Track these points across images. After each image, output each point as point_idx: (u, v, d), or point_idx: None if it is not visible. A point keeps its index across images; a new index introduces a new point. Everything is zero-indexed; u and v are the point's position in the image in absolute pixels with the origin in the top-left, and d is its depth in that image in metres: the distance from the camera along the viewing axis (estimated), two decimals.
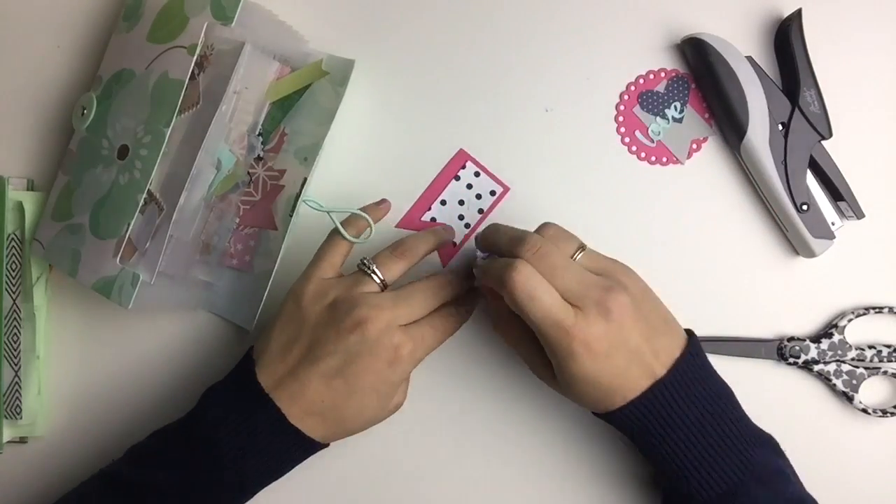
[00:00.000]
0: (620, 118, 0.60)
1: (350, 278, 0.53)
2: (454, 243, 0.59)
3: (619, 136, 0.60)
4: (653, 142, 0.60)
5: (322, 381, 0.50)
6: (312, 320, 0.51)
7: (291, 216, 0.56)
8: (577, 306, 0.48)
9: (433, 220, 0.60)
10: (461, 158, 0.60)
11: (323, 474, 0.58)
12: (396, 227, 0.60)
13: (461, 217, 0.60)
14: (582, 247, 0.51)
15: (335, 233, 0.54)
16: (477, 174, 0.60)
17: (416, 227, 0.59)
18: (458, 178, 0.60)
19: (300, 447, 0.52)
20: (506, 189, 0.60)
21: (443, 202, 0.60)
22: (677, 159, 0.60)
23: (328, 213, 0.55)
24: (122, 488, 0.51)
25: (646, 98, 0.59)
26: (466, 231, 0.60)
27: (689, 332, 0.52)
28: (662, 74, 0.60)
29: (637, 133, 0.60)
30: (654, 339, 0.49)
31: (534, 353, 0.52)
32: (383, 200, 0.57)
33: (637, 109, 0.60)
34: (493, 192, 0.60)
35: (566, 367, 0.48)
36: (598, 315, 0.47)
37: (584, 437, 0.58)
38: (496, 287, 0.49)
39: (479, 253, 0.55)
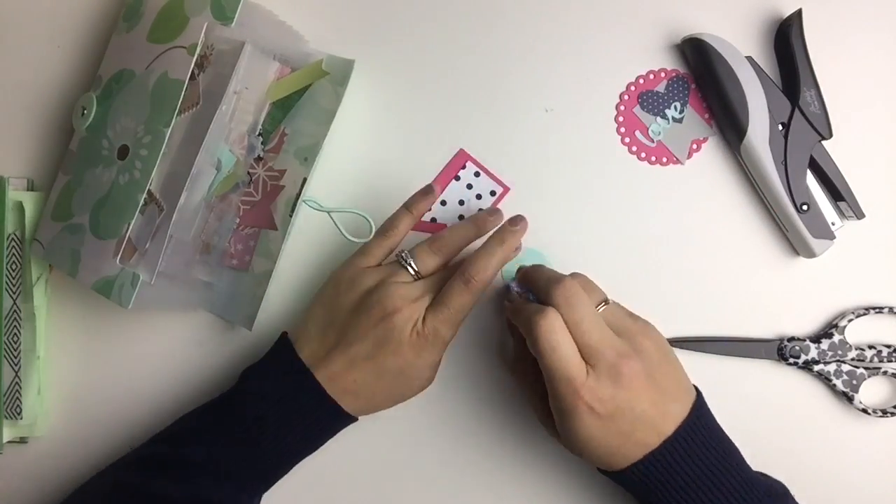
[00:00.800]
0: (620, 118, 0.60)
1: (386, 268, 0.55)
2: None
3: (619, 136, 0.60)
4: (653, 142, 0.60)
5: (354, 365, 0.52)
6: (347, 306, 0.54)
7: (291, 216, 0.56)
8: (590, 364, 0.48)
9: (433, 220, 0.60)
10: (461, 158, 0.60)
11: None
12: None
13: (461, 217, 0.60)
14: (605, 300, 0.52)
15: (380, 231, 0.56)
16: (477, 174, 0.60)
17: (416, 227, 0.59)
18: (458, 178, 0.60)
19: (337, 420, 0.54)
20: (506, 189, 0.59)
21: (443, 202, 0.60)
22: (677, 159, 0.60)
23: (328, 213, 0.55)
24: (159, 466, 0.53)
25: (646, 98, 0.59)
26: None
27: (696, 391, 0.52)
28: (662, 74, 0.60)
29: (637, 133, 0.60)
30: (664, 404, 0.50)
31: (544, 403, 0.52)
32: (429, 189, 0.58)
33: (637, 109, 0.60)
34: (493, 192, 0.60)
35: (568, 423, 0.49)
36: (608, 378, 0.48)
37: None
38: (522, 330, 0.51)
39: (514, 286, 0.55)
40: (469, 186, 0.60)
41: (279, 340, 0.56)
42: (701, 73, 0.58)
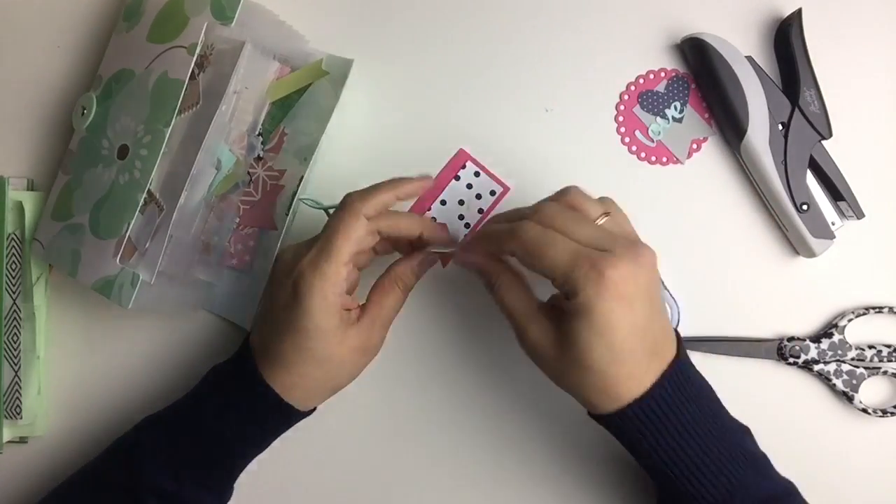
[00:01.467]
0: (620, 118, 0.60)
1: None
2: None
3: (619, 136, 0.60)
4: (653, 142, 0.60)
5: (259, 328, 0.52)
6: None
7: (287, 214, 0.56)
8: (604, 250, 0.45)
9: (434, 219, 0.60)
10: (461, 158, 0.60)
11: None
12: None
13: (461, 217, 0.60)
14: (607, 213, 0.48)
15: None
16: (477, 174, 0.60)
17: None
18: (458, 178, 0.60)
19: (276, 409, 0.51)
20: (506, 189, 0.59)
21: (443, 202, 0.60)
22: (677, 159, 0.60)
23: (325, 210, 0.54)
24: (124, 452, 0.53)
25: (646, 98, 0.59)
26: (466, 231, 0.60)
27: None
28: (662, 74, 0.60)
29: (637, 133, 0.60)
30: (664, 318, 0.48)
31: (534, 326, 0.48)
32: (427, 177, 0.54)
33: (637, 109, 0.60)
34: (493, 192, 0.60)
35: (585, 311, 0.44)
36: (629, 258, 0.44)
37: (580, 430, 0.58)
38: (502, 244, 0.47)
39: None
40: (469, 186, 0.60)
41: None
42: (701, 73, 0.58)
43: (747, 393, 0.58)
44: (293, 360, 0.50)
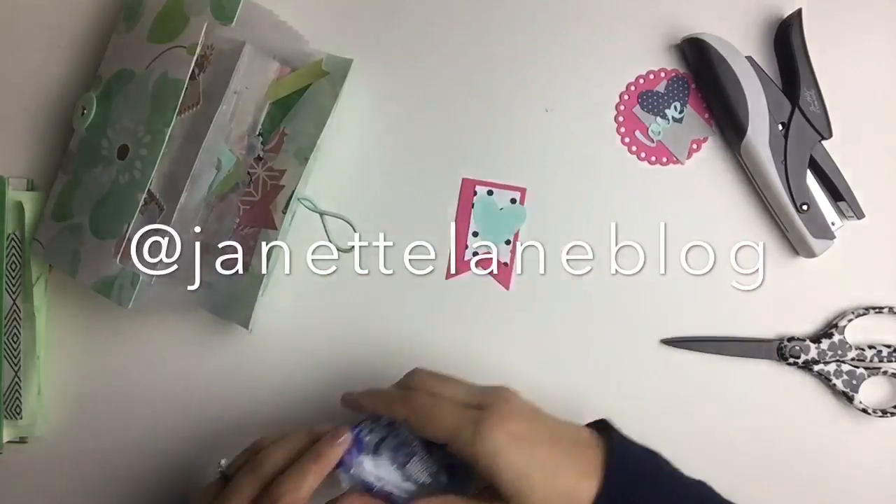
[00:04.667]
0: (620, 118, 0.60)
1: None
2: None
3: (619, 136, 0.60)
4: (653, 142, 0.60)
5: None
6: None
7: (284, 213, 0.56)
8: (480, 407, 0.46)
9: (475, 254, 0.58)
10: (468, 187, 0.58)
11: None
12: (447, 279, 0.59)
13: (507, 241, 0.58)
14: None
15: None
16: (490, 192, 0.59)
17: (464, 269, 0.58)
18: (473, 205, 0.59)
19: None
20: (522, 190, 0.58)
21: (475, 234, 0.59)
22: (677, 159, 0.60)
23: (321, 213, 0.54)
24: None
25: (646, 98, 0.59)
26: (509, 247, 0.58)
27: (601, 426, 0.49)
28: (662, 74, 0.60)
29: (637, 133, 0.60)
30: (564, 425, 0.47)
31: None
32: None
33: (637, 109, 0.60)
34: (513, 201, 0.58)
35: (494, 469, 0.44)
36: (500, 404, 0.46)
37: None
38: (392, 408, 0.47)
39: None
40: (490, 202, 0.58)
41: None
42: (701, 73, 0.58)
43: (747, 393, 0.58)
44: None
